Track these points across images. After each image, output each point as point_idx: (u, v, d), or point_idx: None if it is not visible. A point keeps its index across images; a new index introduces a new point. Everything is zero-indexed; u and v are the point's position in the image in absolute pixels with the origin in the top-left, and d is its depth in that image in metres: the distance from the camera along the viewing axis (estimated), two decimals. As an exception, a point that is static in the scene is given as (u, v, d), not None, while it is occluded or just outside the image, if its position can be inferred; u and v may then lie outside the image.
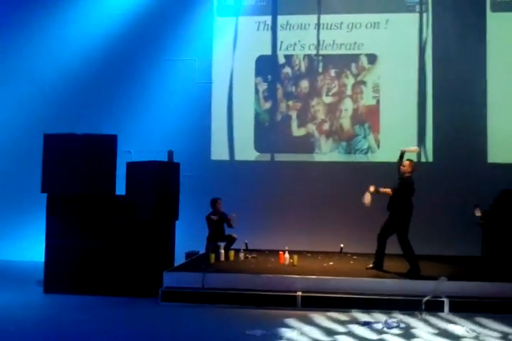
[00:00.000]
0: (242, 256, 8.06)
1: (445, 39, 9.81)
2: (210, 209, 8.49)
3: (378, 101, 9.96)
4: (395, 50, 9.93)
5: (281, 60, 10.25)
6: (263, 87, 10.26)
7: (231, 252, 8.06)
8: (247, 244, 8.67)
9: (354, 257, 8.52)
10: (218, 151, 10.19)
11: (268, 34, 10.27)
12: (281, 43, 10.22)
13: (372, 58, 10.01)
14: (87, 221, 7.30)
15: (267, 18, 10.26)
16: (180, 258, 8.11)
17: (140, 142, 9.74)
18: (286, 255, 7.76)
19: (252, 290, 6.54)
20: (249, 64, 10.25)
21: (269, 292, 6.51)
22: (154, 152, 8.18)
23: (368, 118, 9.99)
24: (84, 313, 6.27)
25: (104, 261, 7.21)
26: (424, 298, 6.22)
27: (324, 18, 10.12)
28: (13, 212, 9.92)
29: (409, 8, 10.01)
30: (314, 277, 6.70)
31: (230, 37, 10.34)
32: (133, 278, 7.11)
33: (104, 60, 10.19)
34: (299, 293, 6.45)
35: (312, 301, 6.40)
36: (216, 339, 5.40)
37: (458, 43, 9.77)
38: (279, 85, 10.24)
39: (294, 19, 10.19)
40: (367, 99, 10.01)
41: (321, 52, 10.14)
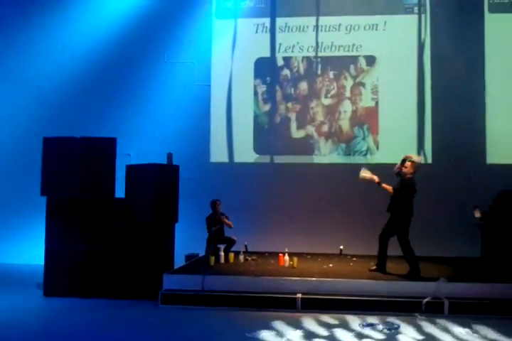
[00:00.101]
0: (241, 258, 8.06)
1: (443, 40, 9.82)
2: (210, 212, 8.49)
3: (377, 103, 9.97)
4: (394, 51, 9.94)
5: (280, 62, 10.26)
6: (262, 89, 10.27)
7: (231, 254, 8.05)
8: (246, 246, 8.66)
9: (354, 259, 8.52)
10: (217, 153, 10.19)
11: (267, 36, 10.28)
12: (280, 45, 10.23)
13: (370, 60, 10.03)
14: (86, 224, 7.30)
15: (266, 21, 10.28)
16: (180, 261, 8.11)
17: (139, 145, 9.77)
18: (286, 257, 7.75)
19: (252, 293, 6.53)
20: (248, 66, 10.25)
21: (269, 294, 6.50)
22: (153, 154, 8.21)
23: (367, 119, 10.00)
24: (84, 316, 6.28)
25: (103, 263, 7.21)
26: (424, 300, 6.23)
27: (323, 20, 10.14)
28: (13, 215, 9.91)
29: (407, 9, 10.03)
30: (314, 279, 6.69)
31: (229, 39, 10.35)
32: (133, 280, 7.11)
33: (103, 62, 10.20)
34: (299, 295, 6.44)
35: (312, 303, 6.40)
36: (216, 341, 5.41)
37: (456, 44, 9.78)
38: (277, 87, 10.25)
39: (292, 21, 10.20)
40: (366, 100, 10.02)
41: (319, 54, 10.16)
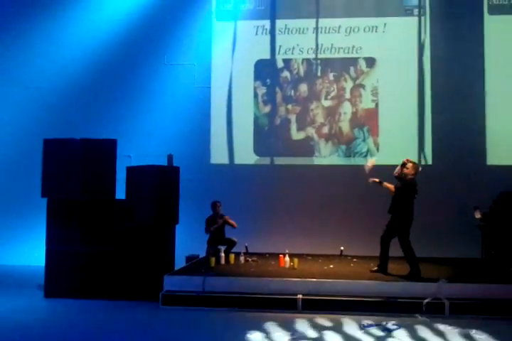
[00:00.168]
0: (242, 259, 8.06)
1: (443, 42, 9.84)
2: (211, 213, 8.49)
3: (377, 105, 9.98)
4: (394, 53, 9.95)
5: (280, 64, 10.28)
6: (262, 91, 10.29)
7: (231, 255, 8.06)
8: (247, 247, 8.67)
9: (354, 260, 8.52)
10: (218, 155, 10.20)
11: (267, 38, 10.30)
12: (280, 47, 10.25)
13: (370, 62, 10.05)
14: (87, 225, 7.30)
15: (266, 23, 10.30)
16: (180, 262, 8.11)
17: (140, 146, 9.78)
18: (287, 258, 7.76)
19: (252, 294, 6.53)
20: (248, 68, 10.27)
21: (270, 295, 6.50)
22: (154, 156, 8.21)
23: (367, 121, 10.01)
24: (85, 317, 6.28)
25: (104, 265, 7.21)
26: (425, 300, 6.23)
27: (322, 22, 10.16)
28: (14, 216, 9.91)
29: (407, 11, 10.05)
30: (315, 280, 6.70)
31: (229, 41, 10.37)
32: (133, 281, 7.12)
33: (103, 65, 10.21)
34: (300, 296, 6.44)
35: (313, 304, 6.40)
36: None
37: (456, 46, 9.80)
38: (278, 89, 10.27)
39: (292, 23, 10.22)
40: (366, 102, 10.03)
41: (319, 56, 10.17)
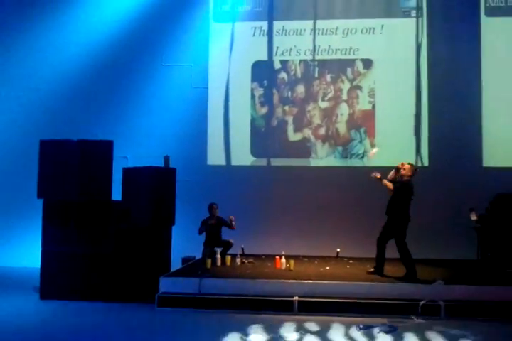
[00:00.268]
0: (238, 261, 8.06)
1: (440, 44, 9.86)
2: (207, 215, 8.49)
3: (374, 106, 9.99)
4: (391, 54, 9.96)
5: (277, 66, 10.28)
6: (259, 92, 10.29)
7: (228, 257, 8.05)
8: (243, 249, 8.68)
9: (350, 261, 8.54)
10: (214, 156, 10.19)
11: (264, 39, 10.31)
12: (277, 49, 10.26)
13: (367, 63, 10.05)
14: (83, 227, 7.28)
15: (263, 24, 10.30)
16: (176, 264, 8.10)
17: (136, 147, 9.77)
18: (283, 260, 7.76)
19: (248, 295, 6.53)
20: (245, 69, 10.27)
21: (266, 297, 6.50)
22: (150, 157, 8.22)
23: (364, 122, 10.01)
24: (81, 319, 6.26)
25: (100, 266, 7.19)
26: (421, 302, 6.24)
27: (320, 23, 10.16)
28: (10, 217, 9.89)
29: (404, 13, 10.06)
30: (311, 282, 6.70)
31: (226, 42, 10.37)
32: (129, 283, 7.11)
33: (100, 66, 10.20)
34: (296, 298, 6.44)
35: (309, 306, 6.40)
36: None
37: (453, 48, 9.81)
38: (275, 90, 10.27)
39: (289, 24, 10.23)
40: (362, 103, 10.04)
41: (316, 57, 10.18)
